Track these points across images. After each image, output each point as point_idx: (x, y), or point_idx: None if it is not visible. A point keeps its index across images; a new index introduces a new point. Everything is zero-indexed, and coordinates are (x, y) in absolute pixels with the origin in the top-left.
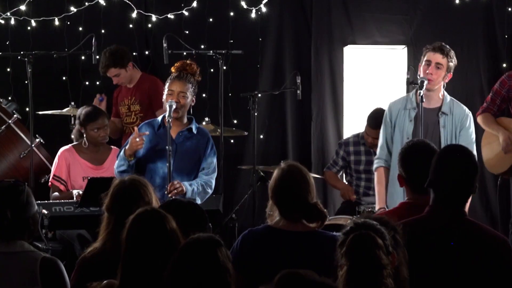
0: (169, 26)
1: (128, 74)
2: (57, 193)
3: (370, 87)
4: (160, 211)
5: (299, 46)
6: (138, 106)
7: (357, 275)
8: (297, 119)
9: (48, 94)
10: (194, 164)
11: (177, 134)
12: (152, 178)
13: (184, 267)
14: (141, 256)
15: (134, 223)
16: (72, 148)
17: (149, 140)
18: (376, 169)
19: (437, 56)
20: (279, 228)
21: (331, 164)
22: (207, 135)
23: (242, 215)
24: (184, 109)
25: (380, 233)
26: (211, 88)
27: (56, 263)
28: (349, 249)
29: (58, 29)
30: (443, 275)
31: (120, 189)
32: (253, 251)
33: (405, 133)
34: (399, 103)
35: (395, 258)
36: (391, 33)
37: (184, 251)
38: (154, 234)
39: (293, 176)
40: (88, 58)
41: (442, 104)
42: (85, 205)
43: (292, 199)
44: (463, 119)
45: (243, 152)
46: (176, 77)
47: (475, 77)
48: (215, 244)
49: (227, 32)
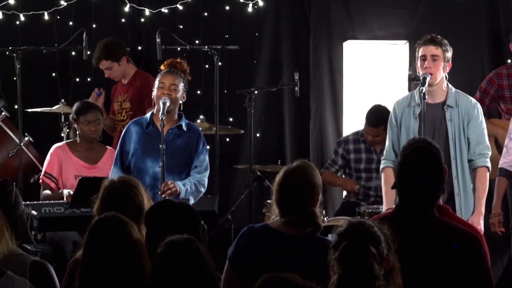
0: (162, 20)
1: (121, 68)
2: (48, 191)
3: (371, 84)
4: (122, 218)
5: (297, 41)
6: (129, 103)
7: (348, 284)
8: (295, 116)
9: (38, 91)
10: (185, 162)
11: (167, 131)
12: (142, 178)
13: (166, 274)
14: (99, 262)
15: (93, 229)
16: (65, 146)
17: (138, 139)
18: (383, 169)
19: (431, 49)
20: (276, 229)
21: (329, 164)
22: (198, 131)
23: (238, 216)
24: (175, 104)
25: (374, 238)
26: (206, 85)
27: (46, 266)
28: (341, 256)
29: (48, 23)
30: (410, 275)
31: (110, 192)
32: (249, 248)
33: (411, 131)
34: (403, 101)
35: (389, 262)
36: (393, 27)
37: (163, 257)
38: (112, 241)
39: (300, 177)
40: (79, 53)
41: (447, 97)
42: (76, 205)
43: (292, 201)
44: (470, 110)
45: (239, 151)
46: (167, 71)
47: (479, 74)
48: (193, 243)
49: (222, 27)
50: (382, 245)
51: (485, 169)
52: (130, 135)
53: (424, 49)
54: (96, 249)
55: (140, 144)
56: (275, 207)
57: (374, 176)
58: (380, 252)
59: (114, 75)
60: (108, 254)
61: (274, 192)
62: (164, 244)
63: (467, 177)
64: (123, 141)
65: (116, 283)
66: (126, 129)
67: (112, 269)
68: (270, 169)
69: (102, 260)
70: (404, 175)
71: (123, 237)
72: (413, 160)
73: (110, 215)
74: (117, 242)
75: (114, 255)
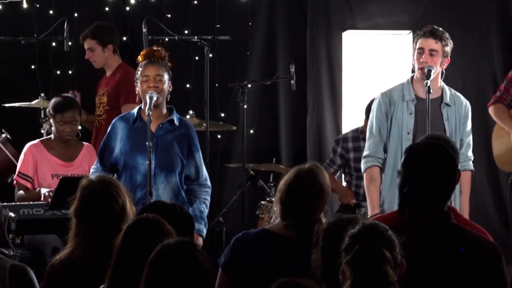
0: (149, 9)
1: (105, 56)
2: (22, 192)
3: (372, 77)
4: None
5: (293, 31)
6: (106, 97)
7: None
8: (291, 112)
9: (16, 84)
10: (177, 159)
11: (157, 126)
12: (132, 176)
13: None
14: (134, 263)
15: (131, 230)
16: (40, 144)
17: (126, 135)
18: (366, 169)
19: (430, 42)
20: (276, 232)
21: (327, 164)
22: (191, 127)
23: (230, 218)
24: (163, 95)
25: (389, 242)
26: (195, 78)
27: (26, 270)
28: (354, 261)
29: (27, 12)
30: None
31: (90, 192)
32: (246, 255)
33: (404, 127)
34: (395, 94)
35: (403, 267)
36: (395, 16)
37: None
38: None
39: (311, 181)
40: (59, 44)
41: (443, 94)
42: (56, 207)
43: (298, 204)
44: (466, 111)
45: (231, 148)
46: (147, 62)
47: (488, 66)
48: (191, 246)
49: (213, 16)
50: (396, 250)
51: (470, 172)
52: (116, 131)
53: (422, 42)
54: (136, 249)
55: (128, 141)
56: (276, 207)
57: None
58: (395, 257)
59: (94, 59)
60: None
61: (279, 192)
62: (160, 247)
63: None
64: (108, 137)
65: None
66: (112, 125)
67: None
68: (264, 168)
69: (138, 261)
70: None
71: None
72: (427, 157)
73: (151, 216)
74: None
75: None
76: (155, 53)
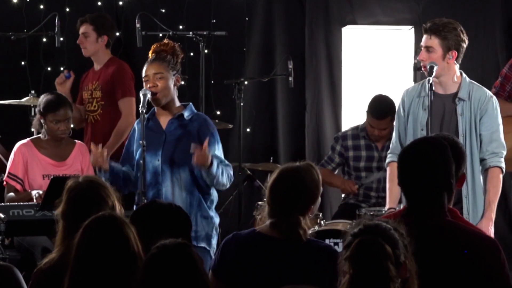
0: (142, 3)
1: (97, 45)
2: (13, 193)
3: (372, 74)
4: (119, 217)
5: (291, 27)
6: (100, 92)
7: (361, 285)
8: (289, 109)
9: (5, 81)
10: (186, 154)
11: (168, 123)
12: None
13: (156, 280)
14: (93, 265)
15: (88, 228)
16: (31, 143)
17: (140, 135)
18: (388, 164)
19: (425, 39)
20: (264, 233)
21: (325, 161)
22: (206, 120)
23: (227, 219)
24: (165, 92)
25: (391, 240)
26: (191, 75)
27: (13, 271)
28: (353, 254)
29: (16, 7)
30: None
31: (77, 193)
32: (237, 257)
33: (418, 123)
34: (413, 90)
35: (406, 270)
36: (396, 11)
37: (154, 262)
38: (111, 242)
39: (294, 179)
40: (50, 40)
41: (459, 88)
42: (47, 208)
43: (280, 203)
44: (484, 104)
45: (227, 147)
46: (148, 61)
47: (492, 61)
48: (187, 248)
49: (209, 11)
50: (399, 250)
51: (498, 169)
52: (134, 134)
53: (422, 38)
54: (93, 249)
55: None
56: (262, 210)
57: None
58: (397, 256)
59: (86, 45)
60: (105, 254)
61: (266, 191)
62: (155, 248)
63: (477, 178)
64: (129, 141)
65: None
66: (132, 128)
67: (106, 272)
68: (261, 167)
69: (97, 262)
70: (404, 170)
71: (122, 236)
72: (413, 152)
73: (107, 214)
74: (116, 241)
75: (111, 256)
76: (162, 47)
